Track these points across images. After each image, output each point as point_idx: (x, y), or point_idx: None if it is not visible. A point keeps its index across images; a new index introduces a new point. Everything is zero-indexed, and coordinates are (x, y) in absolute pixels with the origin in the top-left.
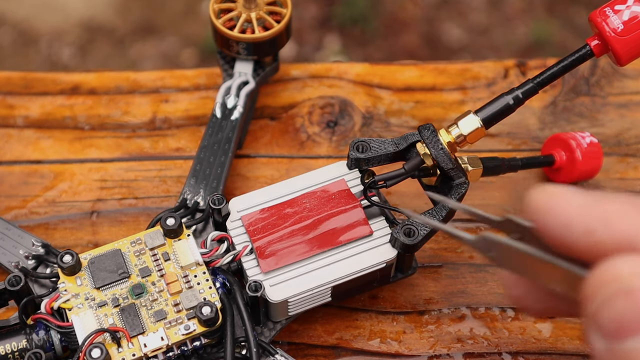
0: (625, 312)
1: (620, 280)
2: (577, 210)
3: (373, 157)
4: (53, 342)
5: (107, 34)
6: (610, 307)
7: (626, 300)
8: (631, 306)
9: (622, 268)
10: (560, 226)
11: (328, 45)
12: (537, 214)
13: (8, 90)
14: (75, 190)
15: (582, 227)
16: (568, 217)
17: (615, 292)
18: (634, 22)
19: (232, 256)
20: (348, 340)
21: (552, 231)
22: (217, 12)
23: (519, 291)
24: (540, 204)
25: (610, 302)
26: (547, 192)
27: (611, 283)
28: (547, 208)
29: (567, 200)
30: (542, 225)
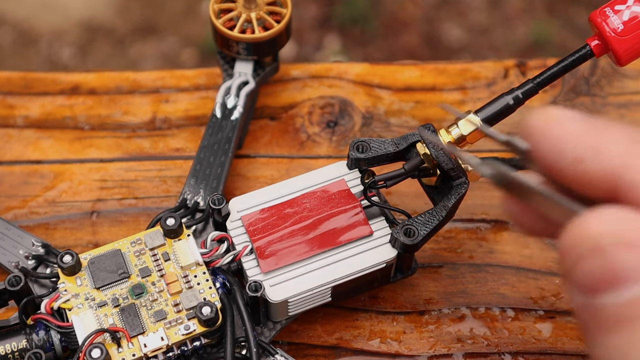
0: (596, 270)
1: (590, 238)
2: (570, 137)
3: (373, 157)
4: (53, 342)
5: (107, 34)
6: (583, 265)
7: (596, 258)
8: (601, 264)
9: (593, 225)
10: (553, 152)
11: (328, 45)
12: (532, 137)
13: (8, 90)
14: (75, 190)
15: (572, 155)
16: (560, 144)
17: (586, 251)
18: (634, 22)
19: (232, 256)
20: (348, 340)
21: (545, 157)
22: (217, 12)
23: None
24: (536, 128)
25: (582, 260)
26: (544, 116)
27: (583, 241)
28: (542, 132)
29: (561, 126)
30: (537, 150)
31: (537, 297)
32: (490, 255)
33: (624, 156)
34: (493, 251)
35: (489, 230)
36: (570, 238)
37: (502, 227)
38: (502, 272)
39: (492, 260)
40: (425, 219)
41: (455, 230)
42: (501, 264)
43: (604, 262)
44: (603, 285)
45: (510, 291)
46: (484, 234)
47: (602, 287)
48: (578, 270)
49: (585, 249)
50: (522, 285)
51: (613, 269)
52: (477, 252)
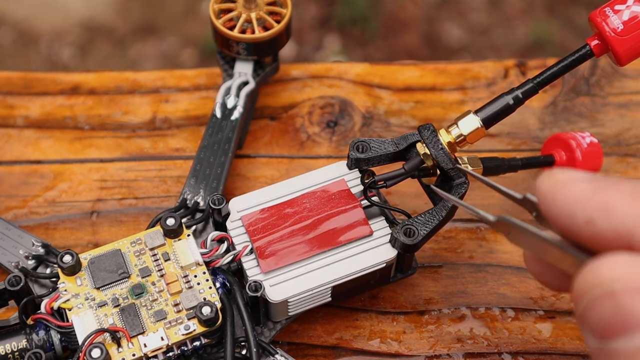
0: (607, 316)
1: (602, 283)
2: (579, 200)
3: (373, 157)
4: (53, 342)
5: (107, 34)
6: (594, 310)
7: (607, 304)
8: (612, 310)
9: (605, 270)
10: (564, 215)
11: (328, 45)
12: (543, 201)
13: (8, 90)
14: (75, 190)
15: (583, 217)
16: (571, 207)
17: (597, 296)
18: (634, 22)
19: (232, 256)
20: (348, 340)
21: (557, 219)
22: (217, 12)
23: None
24: (545, 192)
25: (594, 305)
26: (552, 180)
27: (594, 286)
28: (552, 197)
29: (569, 190)
30: (548, 212)
31: (537, 297)
32: (490, 255)
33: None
34: (493, 251)
35: (489, 230)
36: (582, 283)
37: None
38: (502, 272)
39: (492, 260)
40: (425, 219)
41: (455, 230)
42: (501, 264)
43: (614, 307)
44: (614, 331)
45: (510, 291)
46: (484, 234)
47: (613, 333)
48: (590, 315)
49: (596, 294)
50: (522, 285)
51: (624, 315)
52: (477, 252)
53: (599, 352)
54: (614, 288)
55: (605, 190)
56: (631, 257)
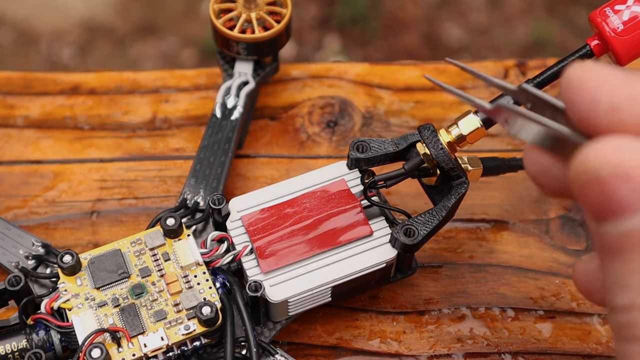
0: (596, 201)
1: (590, 169)
2: (608, 86)
3: (373, 157)
4: (53, 342)
5: (107, 34)
6: (586, 195)
7: (595, 189)
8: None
9: (593, 156)
10: (588, 102)
11: (328, 45)
12: (568, 88)
13: (8, 90)
14: (75, 190)
15: (608, 103)
16: (596, 93)
17: (587, 181)
18: (634, 22)
19: (232, 256)
20: (348, 340)
21: (580, 107)
22: (217, 12)
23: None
24: (573, 77)
25: (585, 190)
26: (582, 67)
27: (583, 172)
28: (579, 82)
29: (600, 76)
30: (570, 100)
31: (537, 297)
32: (490, 255)
33: None
34: (493, 251)
35: (489, 230)
36: (575, 167)
37: (502, 227)
38: (502, 272)
39: (492, 260)
40: (425, 219)
41: (455, 230)
42: (501, 264)
43: (601, 193)
44: (604, 215)
45: (510, 291)
46: (484, 234)
47: (603, 216)
48: (583, 200)
49: (584, 180)
50: (522, 285)
51: (610, 200)
52: (477, 252)
53: (596, 235)
54: (600, 174)
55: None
56: (623, 141)
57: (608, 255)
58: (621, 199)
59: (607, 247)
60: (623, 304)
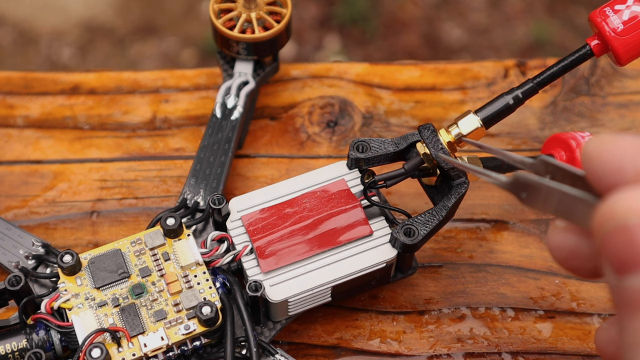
0: (622, 250)
1: (617, 216)
2: (629, 152)
3: (373, 157)
4: (53, 342)
5: (107, 34)
6: (609, 244)
7: (621, 237)
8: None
9: (620, 203)
10: (612, 172)
11: (328, 45)
12: (589, 162)
13: (8, 90)
14: (75, 190)
15: (635, 168)
16: (620, 162)
17: (613, 229)
18: (633, 22)
19: (232, 256)
20: (348, 340)
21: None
22: (217, 12)
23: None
24: (591, 152)
25: (609, 238)
26: (598, 140)
27: (609, 220)
28: (599, 155)
29: (618, 145)
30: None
31: (537, 297)
32: (490, 255)
33: None
34: (493, 251)
35: (489, 230)
36: (599, 216)
37: (502, 227)
38: (502, 272)
39: (492, 260)
40: (425, 218)
41: (455, 230)
42: (501, 263)
43: (628, 241)
44: (628, 266)
45: (510, 291)
46: (484, 233)
47: (627, 268)
48: (606, 250)
49: (611, 228)
50: (522, 285)
51: (636, 250)
52: (477, 252)
53: (616, 288)
54: (628, 222)
55: None
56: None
57: (629, 311)
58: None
59: (628, 301)
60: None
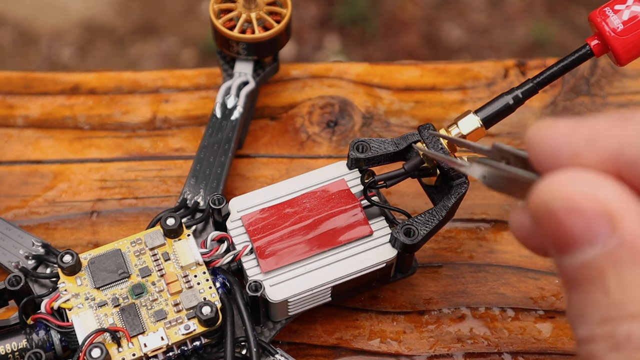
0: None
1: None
2: (563, 136)
3: (373, 157)
4: (53, 342)
5: (107, 34)
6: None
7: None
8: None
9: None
10: (550, 155)
11: (328, 45)
12: (530, 148)
13: (8, 90)
14: (75, 190)
15: (568, 151)
16: (555, 144)
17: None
18: (633, 22)
19: (232, 256)
20: (348, 340)
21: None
22: (217, 12)
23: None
24: (532, 136)
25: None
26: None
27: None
28: (538, 139)
29: (554, 129)
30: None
31: (537, 297)
32: (490, 255)
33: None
34: (493, 251)
35: (489, 230)
36: (531, 203)
37: (502, 227)
38: (502, 272)
39: (492, 260)
40: (425, 218)
41: (455, 230)
42: (501, 263)
43: (556, 226)
44: (561, 248)
45: (510, 291)
46: (484, 233)
47: (561, 249)
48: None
49: (540, 213)
50: (522, 285)
51: (564, 233)
52: (477, 252)
53: (558, 267)
54: (553, 207)
55: (589, 123)
56: (574, 173)
57: (568, 287)
58: (574, 231)
59: (567, 278)
60: (583, 336)
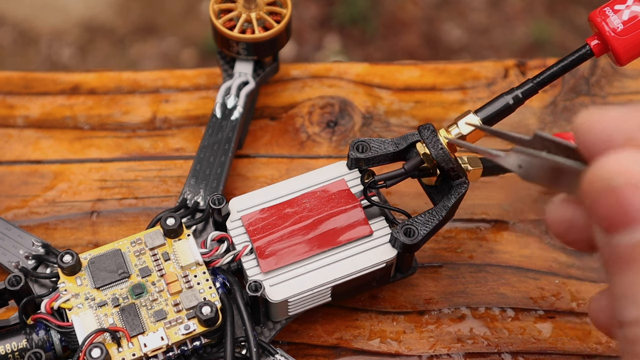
0: (609, 210)
1: (603, 179)
2: (616, 122)
3: (373, 157)
4: (53, 342)
5: (107, 34)
6: (598, 205)
7: (608, 199)
8: (613, 204)
9: (607, 166)
10: (602, 142)
11: (328, 45)
12: (579, 134)
13: (8, 90)
14: (75, 190)
15: (622, 137)
16: (608, 131)
17: (601, 190)
18: (633, 22)
19: (232, 256)
20: (348, 340)
21: (595, 148)
22: (217, 12)
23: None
24: (581, 124)
25: (597, 200)
26: (588, 112)
27: (597, 182)
28: (588, 126)
29: (605, 115)
30: (585, 144)
31: (537, 297)
32: (490, 255)
33: None
34: (493, 251)
35: (489, 230)
36: (587, 179)
37: (502, 227)
38: (502, 272)
39: (492, 260)
40: (425, 218)
41: (455, 230)
42: (501, 264)
43: (614, 202)
44: (617, 225)
45: (510, 291)
46: (484, 234)
47: (616, 227)
48: (595, 210)
49: (599, 189)
50: (522, 285)
51: (623, 210)
52: (477, 252)
53: (605, 247)
54: (614, 183)
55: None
56: (635, 153)
57: (618, 267)
58: (635, 208)
59: (618, 258)
60: (632, 318)
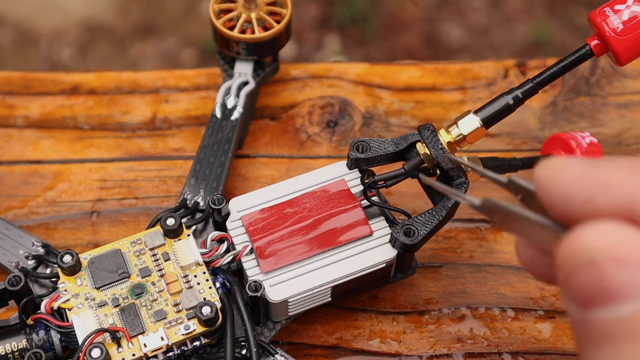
0: (588, 285)
1: (584, 251)
2: (577, 180)
3: (373, 157)
4: (53, 342)
5: (107, 34)
6: (576, 278)
7: (589, 273)
8: (593, 279)
9: (587, 239)
10: (562, 199)
11: (328, 45)
12: (541, 189)
13: (8, 90)
14: (75, 190)
15: (582, 196)
16: (568, 189)
17: (579, 264)
18: (633, 22)
19: (232, 256)
20: (348, 340)
21: (556, 204)
22: (217, 12)
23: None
24: (543, 178)
25: (576, 273)
26: (549, 166)
27: (577, 254)
28: (550, 182)
29: (567, 172)
30: (547, 200)
31: (537, 297)
32: (490, 255)
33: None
34: (493, 251)
35: (489, 230)
36: (564, 250)
37: None
38: (502, 272)
39: (492, 260)
40: (425, 218)
41: (455, 230)
42: (501, 264)
43: (596, 277)
44: (595, 300)
45: (510, 291)
46: (484, 234)
47: (594, 302)
48: (572, 283)
49: (578, 262)
50: (522, 285)
51: (604, 285)
52: (477, 252)
53: (579, 321)
54: (595, 257)
55: (603, 168)
56: (616, 226)
57: (594, 342)
58: (617, 283)
59: (594, 334)
60: None
